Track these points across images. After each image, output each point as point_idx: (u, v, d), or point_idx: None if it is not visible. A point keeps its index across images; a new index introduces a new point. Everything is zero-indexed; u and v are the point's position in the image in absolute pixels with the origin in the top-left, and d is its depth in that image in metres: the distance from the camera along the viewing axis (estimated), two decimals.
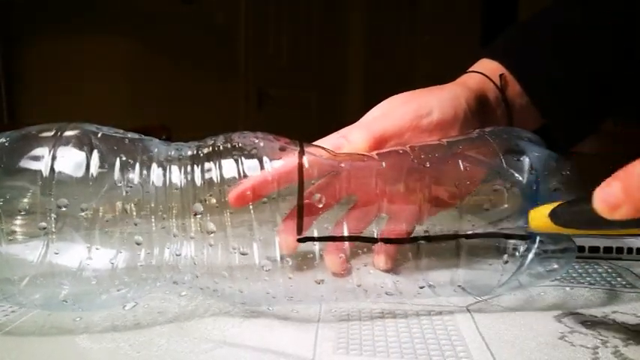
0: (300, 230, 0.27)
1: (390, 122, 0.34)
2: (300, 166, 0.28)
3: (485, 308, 0.30)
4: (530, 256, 0.29)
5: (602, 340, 0.26)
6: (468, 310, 0.30)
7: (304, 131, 0.45)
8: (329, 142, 0.33)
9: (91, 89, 1.77)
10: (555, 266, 0.30)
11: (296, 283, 0.28)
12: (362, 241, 0.29)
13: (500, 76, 0.40)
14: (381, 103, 0.37)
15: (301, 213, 0.27)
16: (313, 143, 0.31)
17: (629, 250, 0.39)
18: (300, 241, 0.27)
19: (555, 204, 0.24)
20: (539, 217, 0.25)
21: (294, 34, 2.39)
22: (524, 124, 0.41)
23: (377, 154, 0.31)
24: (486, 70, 0.40)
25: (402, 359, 0.24)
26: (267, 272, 0.28)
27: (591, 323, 0.28)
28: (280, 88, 2.34)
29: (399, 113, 0.34)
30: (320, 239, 0.28)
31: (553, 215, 0.24)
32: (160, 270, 0.28)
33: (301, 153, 0.28)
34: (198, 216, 0.27)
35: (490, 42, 0.44)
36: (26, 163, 0.26)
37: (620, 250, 0.39)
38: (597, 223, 0.21)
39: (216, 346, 0.25)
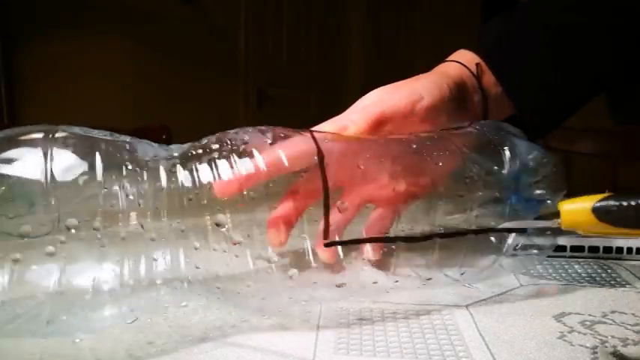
0: (326, 234, 0.27)
1: (387, 105, 0.35)
2: (323, 170, 0.27)
3: (484, 308, 0.30)
4: (510, 241, 0.29)
5: (601, 339, 0.26)
6: (468, 310, 0.30)
7: None
8: (333, 125, 0.33)
9: (91, 89, 1.76)
10: (534, 256, 0.31)
11: (297, 283, 0.28)
12: (383, 242, 0.29)
13: (477, 64, 0.41)
14: (368, 94, 0.37)
15: (327, 216, 0.27)
16: (315, 129, 0.32)
17: (629, 250, 0.39)
18: (327, 245, 0.27)
19: (591, 198, 0.22)
20: (579, 212, 0.22)
21: (294, 34, 2.39)
22: (499, 111, 0.42)
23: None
24: (463, 60, 0.42)
25: (402, 359, 0.24)
26: (262, 273, 0.28)
27: (590, 323, 0.28)
28: (280, 88, 2.34)
29: (393, 98, 0.35)
30: (346, 242, 0.28)
31: (599, 211, 0.22)
32: (166, 278, 0.27)
33: (320, 155, 0.27)
34: (223, 229, 0.26)
35: None
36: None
37: (619, 250, 0.39)
38: None
39: (216, 346, 0.25)
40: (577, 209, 0.23)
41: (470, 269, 0.31)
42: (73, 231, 0.23)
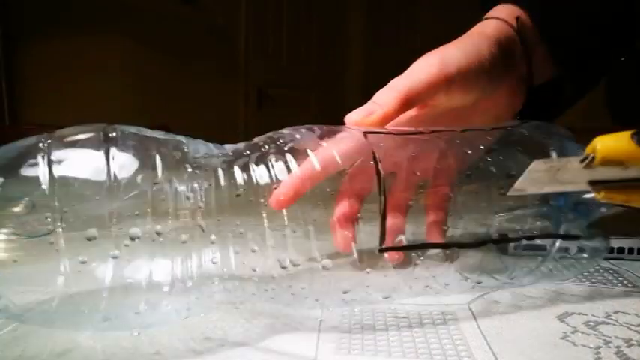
0: (382, 241, 0.27)
1: (415, 77, 0.32)
2: (379, 173, 0.27)
3: (487, 307, 0.30)
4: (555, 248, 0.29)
5: (604, 340, 0.26)
6: (470, 310, 0.30)
7: None
8: (361, 111, 0.32)
9: (92, 89, 1.76)
10: (583, 261, 0.30)
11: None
12: (437, 248, 0.29)
13: (517, 18, 0.38)
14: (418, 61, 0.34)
15: (384, 220, 0.26)
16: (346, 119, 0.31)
17: (630, 250, 0.39)
18: (381, 251, 0.27)
19: (626, 132, 0.21)
20: (617, 140, 0.21)
21: (294, 34, 2.39)
22: (543, 72, 0.39)
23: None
24: (503, 15, 0.38)
25: (403, 358, 0.24)
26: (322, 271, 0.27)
27: (593, 323, 0.28)
28: (280, 88, 2.34)
29: (422, 66, 0.33)
30: (400, 248, 0.28)
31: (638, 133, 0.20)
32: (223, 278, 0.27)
33: (375, 159, 0.27)
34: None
35: None
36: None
37: (621, 250, 0.39)
38: None
39: (218, 345, 0.25)
40: (614, 138, 0.21)
41: (518, 272, 0.31)
42: (134, 239, 0.24)
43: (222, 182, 0.27)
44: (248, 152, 0.28)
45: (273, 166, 0.27)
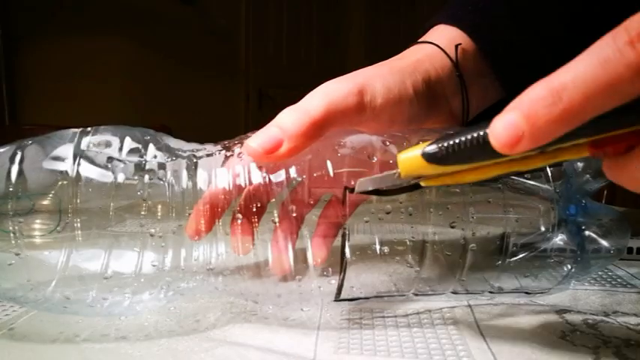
0: (339, 291, 0.28)
1: (331, 101, 0.28)
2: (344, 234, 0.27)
3: (486, 307, 0.30)
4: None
5: (603, 340, 0.26)
6: (469, 309, 0.30)
7: None
8: (264, 140, 0.27)
9: (92, 90, 1.77)
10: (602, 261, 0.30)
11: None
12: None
13: (456, 47, 0.35)
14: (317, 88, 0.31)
15: (344, 278, 0.27)
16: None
17: (629, 250, 0.39)
18: (337, 300, 0.28)
19: (427, 143, 0.21)
20: (412, 157, 0.22)
21: (294, 34, 2.39)
22: (482, 98, 0.36)
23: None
24: (443, 41, 0.35)
25: (402, 358, 0.24)
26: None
27: (592, 323, 0.28)
28: (280, 88, 2.34)
29: (339, 90, 0.29)
30: (355, 299, 0.29)
31: (427, 154, 0.21)
32: (187, 272, 0.27)
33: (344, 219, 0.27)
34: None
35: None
36: (50, 165, 0.26)
37: None
38: (480, 155, 0.19)
39: (217, 344, 0.25)
40: (410, 155, 0.22)
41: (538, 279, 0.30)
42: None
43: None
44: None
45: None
